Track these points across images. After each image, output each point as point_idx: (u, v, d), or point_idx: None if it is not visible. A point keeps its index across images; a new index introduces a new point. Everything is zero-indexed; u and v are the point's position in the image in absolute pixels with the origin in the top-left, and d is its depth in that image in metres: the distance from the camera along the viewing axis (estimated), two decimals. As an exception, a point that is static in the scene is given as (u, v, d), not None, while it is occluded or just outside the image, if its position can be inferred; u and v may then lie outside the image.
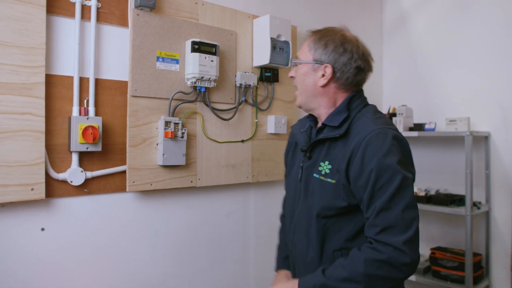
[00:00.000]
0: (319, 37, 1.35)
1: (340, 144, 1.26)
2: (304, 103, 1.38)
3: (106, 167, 1.77)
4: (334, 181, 1.25)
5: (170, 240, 1.98)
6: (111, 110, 1.79)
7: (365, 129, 1.22)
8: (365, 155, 1.17)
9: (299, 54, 1.39)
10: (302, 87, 1.37)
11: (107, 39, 1.79)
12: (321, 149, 1.33)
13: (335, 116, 1.30)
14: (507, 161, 2.56)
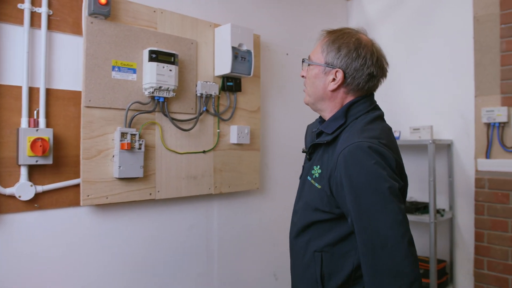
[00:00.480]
0: (333, 39, 1.29)
1: (330, 151, 1.25)
2: (311, 104, 1.37)
3: (59, 181, 1.70)
4: (320, 187, 1.24)
5: (128, 255, 1.91)
6: (64, 122, 1.72)
7: (347, 140, 1.18)
8: (342, 168, 1.14)
9: (311, 55, 1.35)
10: (311, 89, 1.34)
11: (59, 47, 1.72)
12: (318, 152, 1.32)
13: (331, 122, 1.29)
14: (469, 169, 2.60)
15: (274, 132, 2.58)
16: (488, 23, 2.51)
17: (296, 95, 2.70)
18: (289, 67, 2.67)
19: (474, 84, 2.58)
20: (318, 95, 1.32)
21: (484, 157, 2.53)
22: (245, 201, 2.40)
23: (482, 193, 2.53)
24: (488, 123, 2.50)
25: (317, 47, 1.34)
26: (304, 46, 2.75)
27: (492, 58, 2.50)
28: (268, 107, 2.55)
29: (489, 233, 2.50)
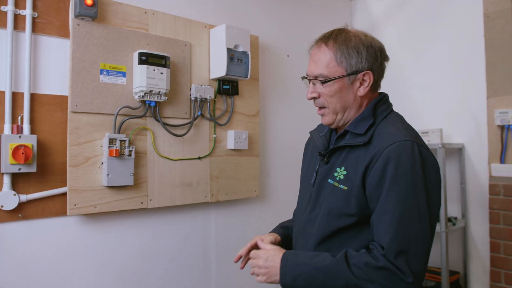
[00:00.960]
0: (341, 44, 1.21)
1: (360, 151, 1.18)
2: (339, 120, 1.25)
3: (44, 189, 1.63)
4: (346, 188, 1.17)
5: (118, 267, 1.82)
6: (49, 128, 1.66)
7: (391, 138, 1.13)
8: (387, 165, 1.09)
9: (324, 71, 1.20)
10: (338, 105, 1.23)
11: (45, 51, 1.66)
12: (339, 155, 1.24)
13: (360, 122, 1.22)
14: (482, 174, 2.46)
15: (275, 137, 2.48)
16: (500, 19, 2.38)
17: (298, 98, 2.60)
18: (290, 69, 2.57)
19: (485, 84, 2.44)
20: (347, 107, 1.24)
21: (499, 162, 2.38)
22: (244, 209, 2.30)
23: (497, 200, 2.38)
24: (502, 125, 2.35)
25: (324, 60, 1.21)
26: (306, 47, 2.63)
27: (504, 57, 2.36)
28: (268, 111, 2.45)
29: (506, 244, 2.35)
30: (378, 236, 1.10)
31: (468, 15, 2.52)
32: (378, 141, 1.16)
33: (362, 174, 1.14)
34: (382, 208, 1.09)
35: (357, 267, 1.08)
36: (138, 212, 1.88)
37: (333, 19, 2.92)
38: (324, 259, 1.13)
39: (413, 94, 2.77)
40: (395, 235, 1.06)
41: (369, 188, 1.13)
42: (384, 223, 1.08)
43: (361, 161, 1.16)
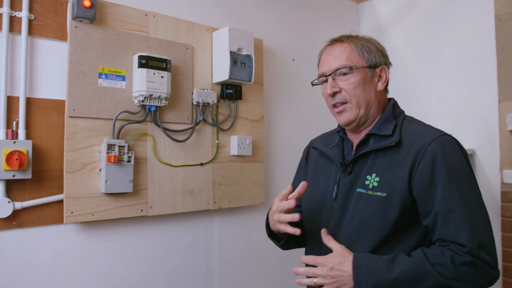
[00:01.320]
0: (357, 41, 1.23)
1: (390, 154, 1.14)
2: (361, 117, 1.21)
3: (40, 197, 1.58)
4: (384, 194, 1.11)
5: (117, 277, 1.76)
6: (46, 133, 1.60)
7: (426, 135, 1.13)
8: (435, 163, 1.08)
9: (346, 62, 1.20)
10: (361, 97, 1.20)
11: (42, 54, 1.61)
12: (363, 162, 1.19)
13: (383, 124, 1.20)
14: (493, 181, 2.37)
15: (280, 143, 2.41)
16: (511, 21, 2.30)
17: (303, 103, 2.54)
18: (295, 73, 2.51)
19: (497, 88, 2.36)
20: (370, 102, 1.21)
21: (511, 168, 2.30)
22: (248, 217, 2.23)
23: (509, 207, 2.29)
24: (515, 130, 2.27)
25: (344, 53, 1.21)
26: (312, 51, 2.58)
27: (516, 60, 2.28)
28: (272, 116, 2.39)
29: (519, 253, 2.26)
30: (450, 235, 1.05)
31: (479, 17, 2.45)
32: (412, 140, 1.13)
33: (407, 177, 1.10)
34: (446, 207, 1.05)
35: (442, 266, 1.02)
36: (138, 220, 1.82)
37: (340, 22, 2.86)
38: (403, 262, 1.04)
39: (422, 98, 2.69)
40: (472, 231, 1.03)
41: (419, 189, 1.09)
42: (455, 221, 1.04)
43: (397, 164, 1.12)
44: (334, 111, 1.24)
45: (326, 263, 1.08)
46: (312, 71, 2.63)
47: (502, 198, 2.32)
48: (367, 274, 1.04)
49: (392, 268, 1.03)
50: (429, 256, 1.04)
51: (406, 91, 2.73)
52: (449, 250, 1.04)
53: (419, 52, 2.74)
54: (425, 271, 1.02)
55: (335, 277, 1.07)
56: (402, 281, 1.02)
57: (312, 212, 1.31)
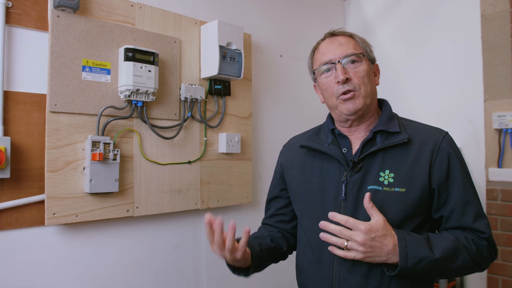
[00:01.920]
0: (355, 35, 1.25)
1: (400, 150, 1.16)
2: (367, 107, 1.19)
3: (19, 197, 1.48)
4: (404, 190, 1.12)
5: (102, 281, 1.67)
6: (26, 129, 1.50)
7: (434, 132, 1.18)
8: (450, 158, 1.14)
9: (355, 50, 1.19)
10: (369, 88, 1.19)
11: (20, 44, 1.51)
12: (372, 159, 1.17)
13: (389, 121, 1.20)
14: (479, 179, 2.40)
15: (268, 140, 2.37)
16: (497, 21, 2.33)
17: (291, 100, 2.50)
18: (283, 69, 2.47)
19: (483, 87, 2.39)
20: (373, 93, 1.22)
21: (496, 166, 2.33)
22: (236, 216, 2.17)
23: (495, 205, 2.32)
24: (500, 129, 2.30)
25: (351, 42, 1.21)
26: (299, 48, 2.55)
27: (502, 59, 2.31)
28: (260, 113, 2.34)
29: (504, 249, 2.29)
30: (469, 223, 1.12)
31: (465, 17, 2.47)
32: (421, 137, 1.17)
33: (427, 171, 1.13)
34: (464, 198, 1.13)
35: (468, 248, 1.09)
36: (124, 221, 1.74)
37: (326, 19, 2.83)
38: (441, 241, 1.09)
39: (408, 96, 2.70)
40: (487, 220, 1.14)
41: (438, 183, 1.13)
42: (472, 211, 1.13)
43: (411, 160, 1.14)
44: (341, 99, 1.18)
45: (369, 231, 1.03)
46: (300, 67, 2.61)
47: (487, 196, 2.35)
48: (412, 249, 1.04)
49: (433, 246, 1.07)
50: (458, 237, 1.11)
51: (392, 89, 2.73)
52: (470, 234, 1.12)
53: (405, 51, 2.74)
54: (459, 250, 1.08)
55: (372, 247, 1.04)
56: (443, 258, 1.06)
57: (312, 216, 1.24)
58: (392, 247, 1.04)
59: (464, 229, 1.13)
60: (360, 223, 1.04)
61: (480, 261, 1.11)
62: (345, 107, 1.18)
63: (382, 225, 1.05)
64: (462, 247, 1.08)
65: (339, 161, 1.20)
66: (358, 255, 1.04)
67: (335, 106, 1.21)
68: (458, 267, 1.08)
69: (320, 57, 1.23)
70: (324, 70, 1.21)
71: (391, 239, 1.04)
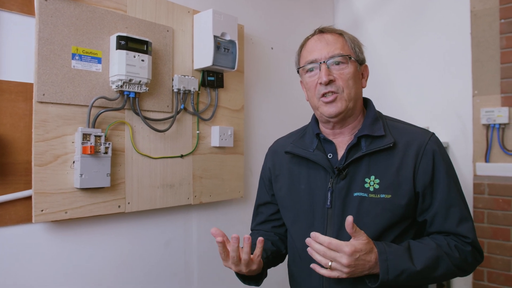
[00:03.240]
0: (346, 34, 1.20)
1: (385, 155, 1.13)
2: (348, 110, 1.16)
3: (4, 193, 1.39)
4: (389, 196, 1.10)
5: (92, 279, 1.60)
6: (11, 120, 1.41)
7: (418, 134, 1.16)
8: (435, 160, 1.12)
9: (341, 51, 1.14)
10: (352, 91, 1.15)
11: (5, 29, 1.41)
12: (357, 165, 1.14)
13: (373, 125, 1.17)
14: (466, 173, 2.44)
15: (258, 134, 2.32)
16: (487, 17, 2.36)
17: (281, 93, 2.46)
18: (274, 62, 2.43)
19: (471, 83, 2.41)
20: (358, 96, 1.18)
21: (483, 161, 2.36)
22: (227, 211, 2.13)
23: (482, 199, 2.36)
24: (488, 124, 2.34)
25: (339, 43, 1.16)
26: (290, 41, 2.51)
27: (491, 55, 2.34)
28: (252, 106, 2.29)
29: (490, 242, 2.34)
30: (453, 227, 1.11)
31: (455, 13, 2.49)
32: (406, 140, 1.14)
33: (411, 176, 1.11)
34: (447, 202, 1.11)
35: (450, 255, 1.07)
36: (115, 217, 1.67)
37: (316, 13, 2.80)
38: (422, 251, 1.07)
39: (398, 92, 2.71)
40: (471, 224, 1.12)
41: (422, 186, 1.11)
42: (455, 215, 1.11)
43: (396, 164, 1.11)
44: (322, 101, 1.15)
45: (354, 253, 0.99)
46: (291, 61, 2.56)
47: (474, 190, 2.39)
48: (393, 261, 1.03)
49: (414, 258, 1.05)
50: (441, 245, 1.08)
51: (381, 85, 2.73)
52: (453, 240, 1.10)
53: (394, 46, 2.75)
54: (441, 259, 1.06)
55: (356, 266, 1.01)
56: (425, 269, 1.05)
57: (301, 226, 1.22)
58: (374, 262, 1.02)
59: (448, 234, 1.12)
60: (344, 245, 1.00)
61: (464, 267, 1.10)
62: (326, 109, 1.15)
63: (365, 244, 1.02)
64: (444, 255, 1.07)
65: (324, 168, 1.17)
66: (342, 275, 1.02)
67: (316, 107, 1.19)
68: (441, 275, 1.07)
69: (306, 55, 1.19)
70: (309, 69, 1.18)
71: (373, 254, 1.03)
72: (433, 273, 1.06)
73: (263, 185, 1.41)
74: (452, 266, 1.07)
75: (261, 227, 1.41)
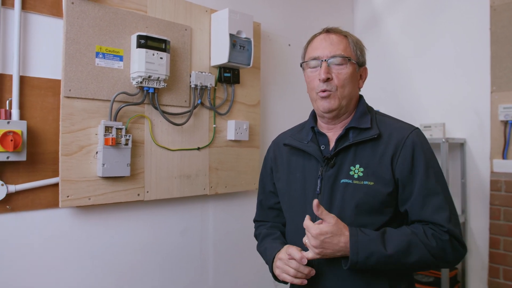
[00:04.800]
0: (351, 36, 1.27)
1: (371, 145, 1.20)
2: (341, 108, 1.24)
3: (34, 180, 1.52)
4: (372, 183, 1.17)
5: (113, 262, 1.73)
6: (41, 113, 1.54)
7: (402, 128, 1.22)
8: (414, 152, 1.17)
9: (343, 53, 1.22)
10: (347, 91, 1.23)
11: (36, 30, 1.54)
12: (345, 155, 1.22)
13: (361, 118, 1.25)
14: (483, 170, 2.42)
15: (275, 128, 2.39)
16: (506, 12, 2.33)
17: (298, 89, 2.52)
18: (291, 59, 2.49)
19: (490, 79, 2.40)
20: (352, 96, 1.26)
21: (501, 158, 2.35)
22: (242, 202, 2.22)
23: (499, 196, 2.35)
24: (506, 121, 2.32)
25: (342, 44, 1.24)
26: (307, 37, 2.54)
27: (510, 51, 2.31)
28: (268, 102, 2.36)
29: (506, 240, 2.32)
30: (429, 216, 1.13)
31: (474, 8, 2.47)
32: (390, 132, 1.21)
33: (390, 165, 1.17)
34: (425, 191, 1.14)
35: (426, 243, 1.10)
36: (134, 204, 1.78)
37: (335, 10, 2.84)
38: (396, 236, 1.11)
39: (416, 87, 2.71)
40: (450, 213, 1.13)
41: (401, 176, 1.16)
42: (433, 204, 1.14)
43: (379, 155, 1.18)
44: (319, 95, 1.24)
45: (318, 235, 1.08)
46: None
47: (491, 187, 2.37)
48: (363, 243, 1.08)
49: (386, 242, 1.09)
50: (416, 232, 1.12)
51: (399, 80, 2.75)
52: (430, 229, 1.13)
53: (413, 42, 2.75)
54: (415, 245, 1.09)
55: (324, 247, 1.09)
56: (396, 253, 1.08)
57: (295, 210, 1.31)
58: (343, 244, 1.08)
59: (427, 223, 1.14)
60: (311, 228, 1.10)
61: (442, 256, 1.11)
62: (321, 104, 1.24)
63: (332, 227, 1.09)
64: (418, 242, 1.09)
65: (316, 158, 1.26)
66: (315, 255, 1.11)
67: (314, 100, 1.27)
68: (416, 261, 1.09)
69: (311, 51, 1.27)
70: (311, 65, 1.26)
71: (342, 238, 1.09)
72: (405, 259, 1.09)
73: (266, 175, 1.48)
74: (427, 254, 1.09)
75: (267, 217, 1.50)
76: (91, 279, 1.66)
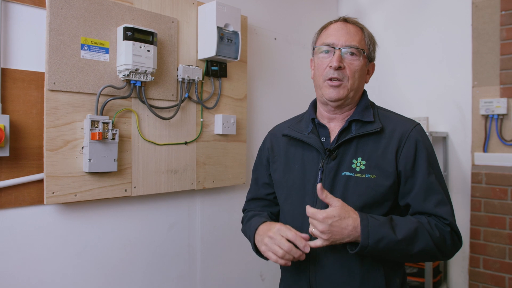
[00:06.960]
0: (367, 30, 1.29)
1: (373, 139, 1.21)
2: (348, 98, 1.25)
3: (18, 176, 1.47)
4: (374, 176, 1.18)
5: (100, 259, 1.69)
6: (24, 107, 1.49)
7: (404, 122, 1.23)
8: (417, 147, 1.18)
9: (358, 44, 1.22)
10: (356, 83, 1.24)
11: (18, 21, 1.48)
12: (347, 147, 1.22)
13: (364, 111, 1.25)
14: (465, 163, 2.49)
15: (261, 122, 2.39)
16: (488, 9, 2.38)
17: (284, 83, 2.52)
18: (277, 53, 2.48)
19: (471, 74, 2.45)
20: (359, 89, 1.27)
21: (482, 151, 2.41)
22: (230, 197, 2.21)
23: (479, 188, 2.41)
24: (486, 115, 2.38)
25: (358, 36, 1.24)
26: (293, 31, 2.56)
27: (491, 47, 2.37)
28: (254, 95, 2.35)
29: (486, 230, 2.39)
30: (432, 209, 1.15)
31: (456, 4, 2.51)
32: (393, 126, 1.22)
33: (394, 159, 1.18)
34: (428, 185, 1.16)
35: (430, 232, 1.11)
36: (121, 200, 1.75)
37: (319, 5, 2.84)
38: (403, 222, 1.12)
39: (399, 82, 2.75)
40: (449, 207, 1.17)
41: (404, 168, 1.18)
42: (435, 197, 1.15)
43: (382, 148, 1.19)
44: (327, 83, 1.23)
45: (325, 219, 1.07)
46: (294, 51, 2.62)
47: (472, 179, 2.44)
48: (374, 227, 1.08)
49: (396, 227, 1.10)
50: (422, 221, 1.13)
51: (383, 75, 2.78)
52: (433, 220, 1.15)
53: (397, 37, 2.78)
54: (421, 233, 1.11)
55: (332, 232, 1.08)
56: (405, 239, 1.09)
57: (292, 201, 1.30)
58: (352, 228, 1.07)
59: (429, 215, 1.16)
60: (318, 213, 1.08)
61: (443, 247, 1.13)
62: (328, 92, 1.23)
63: (338, 210, 1.08)
64: (424, 230, 1.11)
65: (317, 150, 1.25)
66: (324, 242, 1.10)
67: (320, 87, 1.26)
68: (421, 250, 1.10)
69: (325, 37, 1.26)
70: (324, 51, 1.25)
71: (350, 221, 1.08)
72: (413, 246, 1.09)
73: (262, 166, 1.47)
74: (432, 243, 1.10)
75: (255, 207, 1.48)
76: (78, 277, 1.62)
